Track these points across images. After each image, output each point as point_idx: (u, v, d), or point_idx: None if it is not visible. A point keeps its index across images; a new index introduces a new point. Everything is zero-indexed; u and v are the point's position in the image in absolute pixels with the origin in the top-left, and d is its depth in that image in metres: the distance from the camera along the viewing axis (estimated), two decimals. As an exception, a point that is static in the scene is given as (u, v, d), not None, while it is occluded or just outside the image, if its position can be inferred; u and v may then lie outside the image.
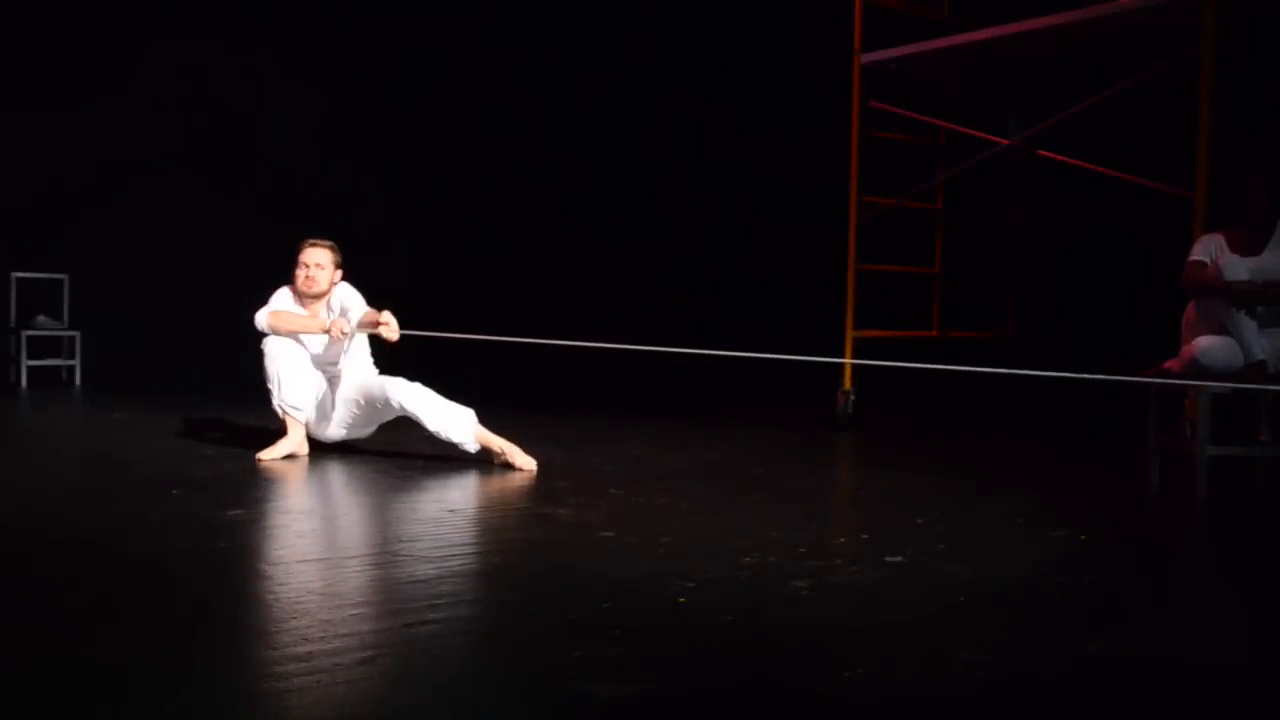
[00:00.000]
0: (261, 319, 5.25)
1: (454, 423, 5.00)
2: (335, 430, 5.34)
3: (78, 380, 9.15)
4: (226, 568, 3.20)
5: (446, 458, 5.11)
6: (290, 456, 5.18)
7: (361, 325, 5.11)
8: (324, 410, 5.31)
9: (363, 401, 5.21)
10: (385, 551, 3.48)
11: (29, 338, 9.06)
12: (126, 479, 4.70)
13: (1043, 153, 7.50)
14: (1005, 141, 7.60)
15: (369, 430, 5.39)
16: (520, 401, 4.85)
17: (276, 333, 5.21)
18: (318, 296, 5.31)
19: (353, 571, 3.14)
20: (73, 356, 9.20)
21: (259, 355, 5.25)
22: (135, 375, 9.08)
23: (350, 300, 5.27)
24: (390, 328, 4.93)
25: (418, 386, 5.08)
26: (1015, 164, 7.93)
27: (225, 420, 6.44)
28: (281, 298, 5.36)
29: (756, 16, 9.08)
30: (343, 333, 5.02)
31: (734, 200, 9.63)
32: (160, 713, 2.07)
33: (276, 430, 5.35)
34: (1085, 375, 3.94)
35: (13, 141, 9.11)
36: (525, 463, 4.93)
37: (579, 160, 10.58)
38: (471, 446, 5.03)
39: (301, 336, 5.27)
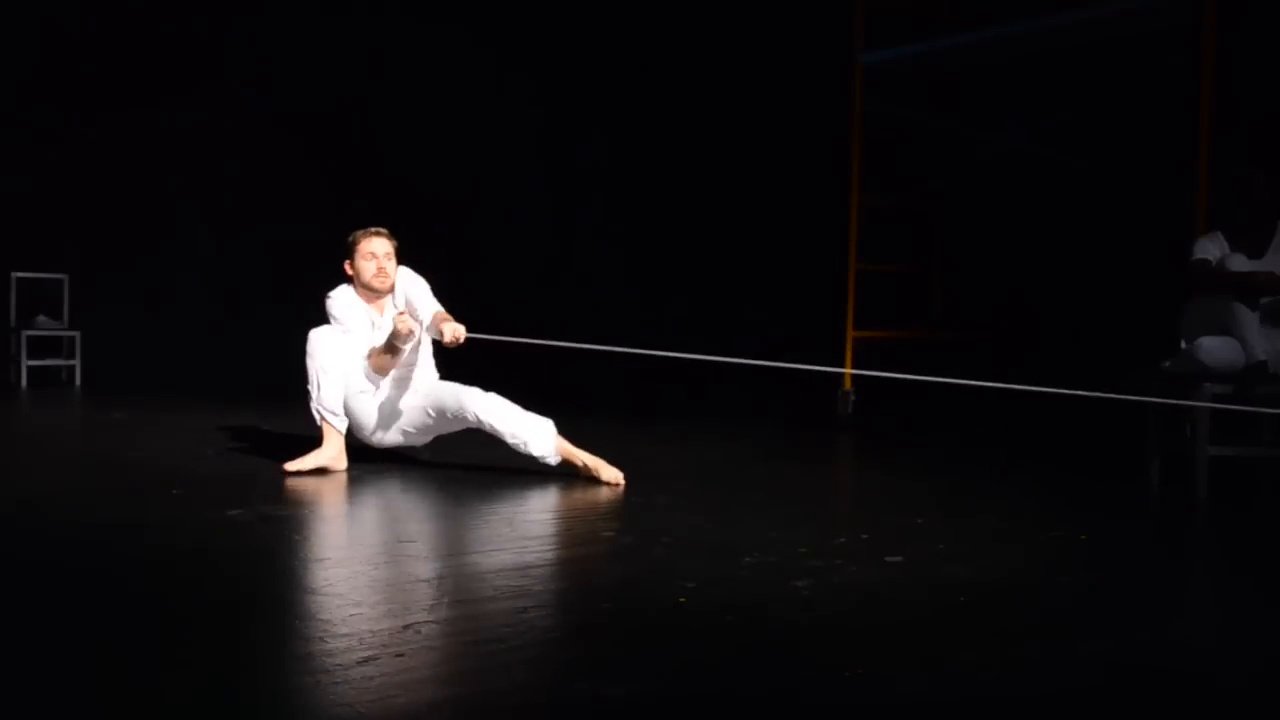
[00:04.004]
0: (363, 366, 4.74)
1: (535, 435, 4.61)
2: (393, 437, 4.87)
3: (78, 380, 9.15)
4: (226, 568, 3.20)
5: (449, 462, 5.10)
6: (323, 471, 4.68)
7: (431, 329, 4.67)
8: (385, 417, 4.82)
9: (432, 412, 4.73)
10: (385, 551, 3.48)
11: (29, 338, 9.06)
12: (126, 479, 4.70)
13: (1041, 154, 7.50)
14: (1005, 142, 7.60)
15: (427, 439, 4.94)
16: (519, 402, 4.84)
17: (382, 374, 4.77)
18: (390, 290, 4.83)
19: (352, 571, 3.14)
20: (73, 356, 9.19)
21: (301, 352, 4.78)
22: (135, 375, 9.08)
23: (415, 289, 4.81)
24: (457, 335, 4.49)
25: (494, 397, 4.67)
26: (1015, 164, 7.93)
27: (226, 420, 6.43)
28: (348, 306, 4.81)
29: (756, 16, 9.07)
30: (408, 331, 4.55)
31: (732, 199, 9.62)
32: (159, 712, 2.07)
33: (277, 429, 5.33)
34: (1088, 393, 3.95)
35: (14, 142, 9.11)
36: (612, 475, 4.57)
37: (575, 161, 10.57)
38: (553, 460, 4.65)
39: (368, 339, 4.79)
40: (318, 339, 4.74)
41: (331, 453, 4.72)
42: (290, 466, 4.66)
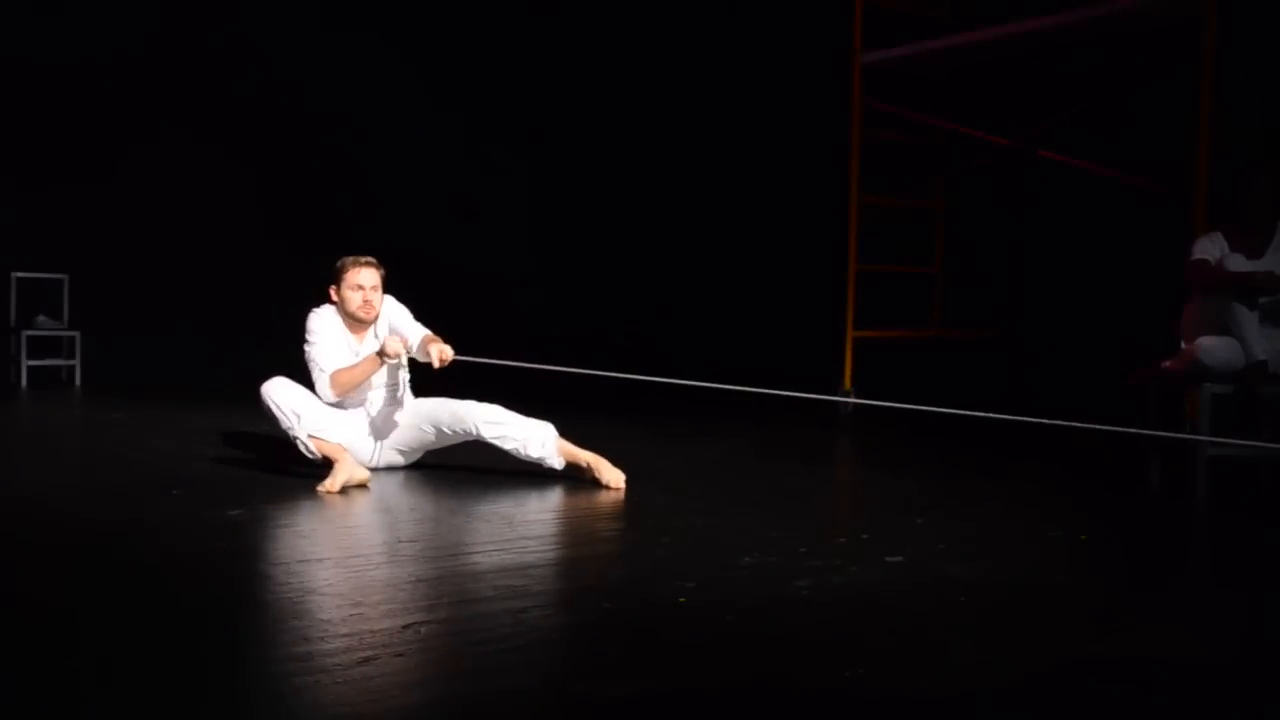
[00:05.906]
0: (324, 391, 4.63)
1: (536, 440, 4.61)
2: (388, 457, 4.84)
3: (78, 380, 9.15)
4: (226, 568, 3.20)
5: (449, 462, 5.10)
6: (350, 485, 4.44)
7: (419, 351, 4.67)
8: (376, 438, 4.80)
9: (428, 428, 4.73)
10: (385, 551, 3.48)
11: (29, 338, 9.07)
12: (126, 479, 4.70)
13: (1043, 153, 7.50)
14: (1005, 141, 7.59)
15: (419, 457, 4.91)
16: (519, 402, 4.84)
17: (346, 394, 4.67)
18: (374, 320, 4.75)
19: (352, 571, 3.14)
20: (73, 356, 9.20)
21: (257, 398, 4.57)
22: (135, 375, 9.08)
23: (399, 318, 4.78)
24: (444, 356, 4.53)
25: (491, 406, 4.67)
26: (1015, 164, 7.94)
27: (226, 420, 6.43)
28: (328, 329, 4.69)
29: (756, 16, 9.08)
30: (396, 354, 4.54)
31: (732, 199, 9.62)
32: (160, 713, 2.07)
33: (276, 430, 5.30)
34: (1093, 426, 3.96)
35: (13, 141, 9.11)
36: (613, 478, 4.54)
37: (575, 159, 10.57)
38: (556, 463, 4.63)
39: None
40: (277, 388, 4.55)
41: (349, 465, 4.49)
42: (323, 488, 4.39)
